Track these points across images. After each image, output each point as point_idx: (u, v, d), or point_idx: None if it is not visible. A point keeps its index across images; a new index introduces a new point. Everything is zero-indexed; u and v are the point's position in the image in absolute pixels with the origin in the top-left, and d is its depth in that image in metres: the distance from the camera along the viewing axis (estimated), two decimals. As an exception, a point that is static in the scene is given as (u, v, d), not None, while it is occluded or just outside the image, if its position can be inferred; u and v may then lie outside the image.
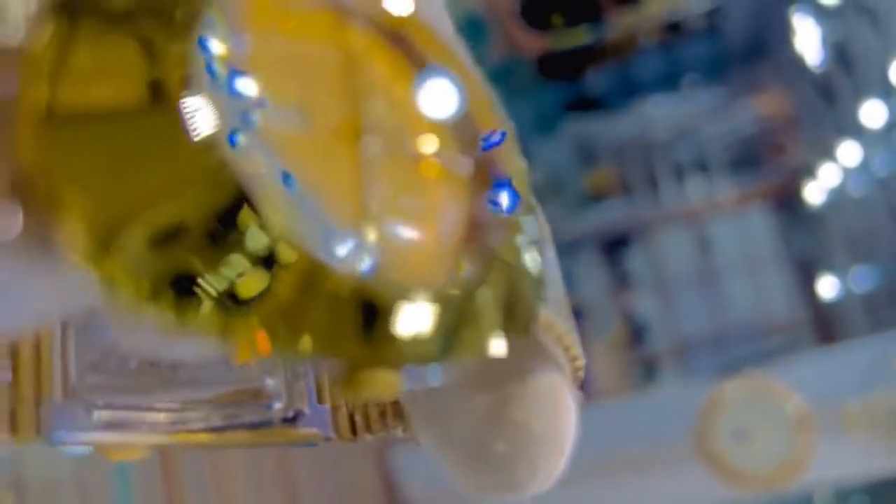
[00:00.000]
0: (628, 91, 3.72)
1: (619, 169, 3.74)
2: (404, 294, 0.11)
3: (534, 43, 2.88)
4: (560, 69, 3.36)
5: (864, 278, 2.95)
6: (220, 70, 0.10)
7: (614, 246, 3.72)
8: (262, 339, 0.10)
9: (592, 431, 1.77)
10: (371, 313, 0.11)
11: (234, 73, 0.10)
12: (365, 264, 0.11)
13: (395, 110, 0.13)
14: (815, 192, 3.10)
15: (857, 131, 2.44)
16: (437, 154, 0.14)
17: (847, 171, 2.71)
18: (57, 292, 0.12)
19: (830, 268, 3.22)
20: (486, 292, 0.13)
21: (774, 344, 3.30)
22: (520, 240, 0.15)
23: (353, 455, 1.84)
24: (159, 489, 1.24)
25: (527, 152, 0.21)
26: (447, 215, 0.13)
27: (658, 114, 3.65)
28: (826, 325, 3.38)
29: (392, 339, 0.11)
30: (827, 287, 3.25)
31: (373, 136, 0.12)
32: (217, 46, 0.10)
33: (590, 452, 1.63)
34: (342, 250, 0.11)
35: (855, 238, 2.93)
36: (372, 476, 1.87)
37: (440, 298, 0.12)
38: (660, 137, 3.64)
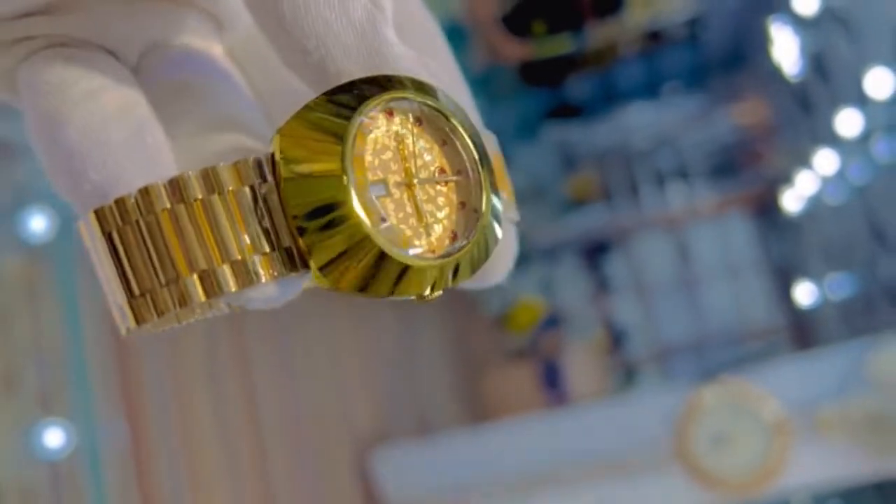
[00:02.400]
0: (609, 98, 3.74)
1: (599, 175, 3.75)
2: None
3: (515, 50, 2.88)
4: (541, 76, 3.36)
5: (840, 285, 2.97)
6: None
7: (595, 252, 3.74)
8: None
9: (571, 434, 1.77)
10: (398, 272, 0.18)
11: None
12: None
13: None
14: (792, 200, 3.12)
15: (834, 140, 2.45)
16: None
17: (824, 180, 2.72)
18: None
19: (807, 275, 3.24)
20: (465, 255, 0.19)
21: (752, 350, 3.33)
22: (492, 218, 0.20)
23: (332, 459, 1.83)
24: (134, 493, 1.23)
25: (508, 158, 0.24)
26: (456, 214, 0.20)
27: (638, 121, 3.68)
28: (803, 331, 3.41)
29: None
30: (804, 294, 3.28)
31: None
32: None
33: (568, 455, 1.64)
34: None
35: (831, 245, 2.95)
36: (352, 479, 1.87)
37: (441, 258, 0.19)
38: (640, 145, 3.66)
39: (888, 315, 2.42)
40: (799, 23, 2.63)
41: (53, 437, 1.09)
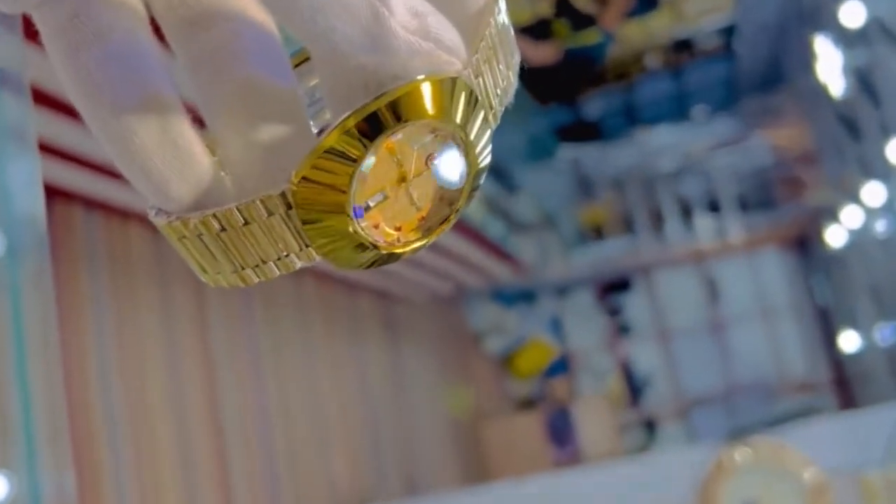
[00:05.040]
0: (631, 117, 3.77)
1: (618, 203, 3.77)
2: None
3: (541, 53, 2.87)
4: (555, 91, 3.37)
5: (889, 333, 2.96)
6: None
7: (612, 289, 3.76)
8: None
9: (582, 499, 1.76)
10: None
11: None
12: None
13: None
14: (835, 235, 3.11)
15: (884, 169, 2.45)
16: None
17: (871, 213, 2.72)
18: None
19: (852, 320, 3.23)
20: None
21: (789, 405, 3.31)
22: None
23: (297, 468, 1.81)
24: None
25: (516, 182, 0.32)
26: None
27: (663, 144, 3.71)
28: (847, 385, 3.40)
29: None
30: (848, 342, 3.26)
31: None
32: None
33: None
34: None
35: (880, 287, 2.94)
36: (317, 481, 1.85)
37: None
38: (665, 170, 3.68)
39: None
40: (844, 37, 2.64)
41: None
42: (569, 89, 3.45)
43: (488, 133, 0.24)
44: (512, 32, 0.25)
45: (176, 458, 1.47)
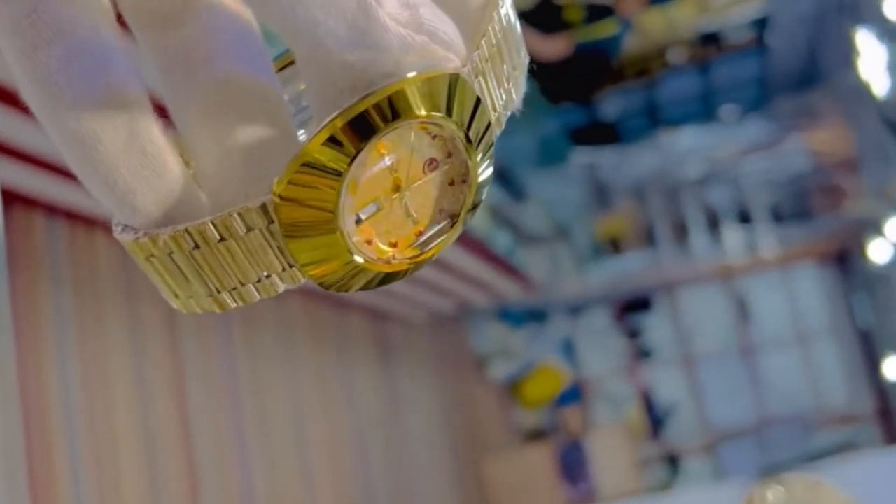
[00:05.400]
0: (652, 118, 3.79)
1: (638, 213, 3.78)
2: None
3: (551, 47, 2.87)
4: (568, 89, 3.36)
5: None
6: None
7: (631, 309, 3.78)
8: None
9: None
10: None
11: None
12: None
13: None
14: (879, 250, 3.11)
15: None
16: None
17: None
18: None
19: (898, 345, 3.23)
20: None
21: (827, 439, 3.30)
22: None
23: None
24: None
25: (525, 189, 0.34)
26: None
27: (688, 147, 3.69)
28: (891, 416, 3.39)
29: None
30: (893, 369, 3.26)
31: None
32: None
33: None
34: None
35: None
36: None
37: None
38: (690, 176, 3.68)
39: None
40: (889, 31, 2.64)
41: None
42: (583, 87, 3.45)
43: (491, 138, 0.24)
44: (519, 29, 0.25)
45: (143, 485, 1.46)
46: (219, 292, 0.23)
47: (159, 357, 1.61)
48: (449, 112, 0.22)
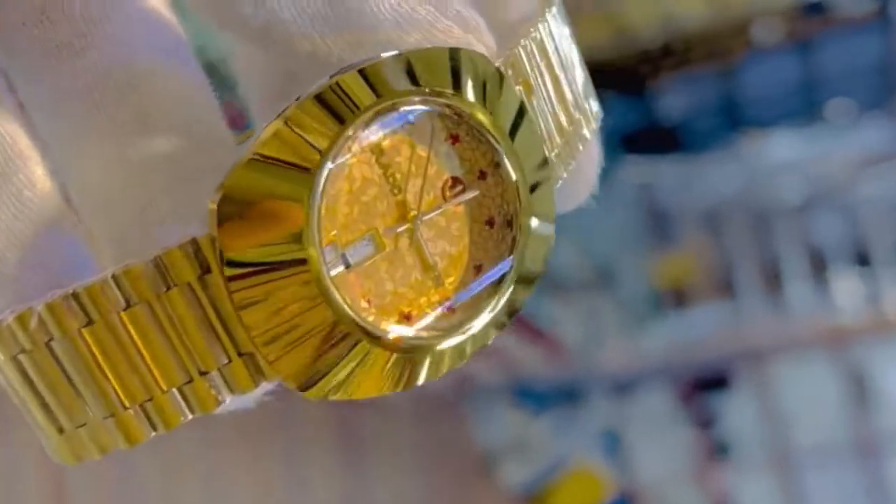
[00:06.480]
0: (731, 118, 3.78)
1: (712, 252, 3.76)
2: None
3: (594, 27, 2.95)
4: (615, 77, 3.40)
5: None
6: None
7: (702, 388, 3.77)
8: None
9: None
10: None
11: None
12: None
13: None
14: None
15: None
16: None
17: None
18: None
19: None
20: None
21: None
22: None
23: None
24: None
25: (559, 219, 0.29)
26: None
27: (782, 159, 3.71)
28: None
29: None
30: None
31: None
32: None
33: None
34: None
35: None
36: None
37: None
38: (785, 200, 3.68)
39: None
40: None
41: None
42: (635, 75, 3.50)
43: (550, 177, 0.25)
44: (581, 70, 0.29)
45: None
46: (125, 408, 0.22)
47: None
48: (457, 88, 0.23)
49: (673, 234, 3.84)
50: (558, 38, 0.27)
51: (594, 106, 0.28)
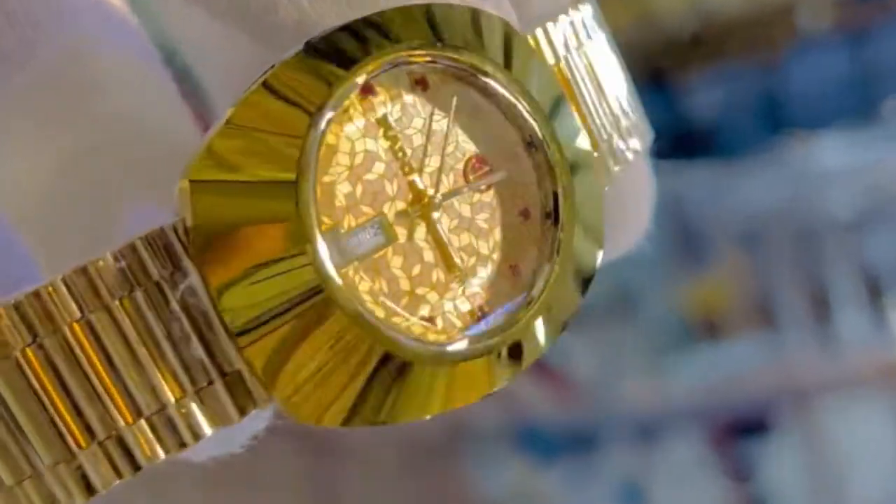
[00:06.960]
0: (772, 118, 3.79)
1: (751, 275, 3.74)
2: None
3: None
4: (638, 71, 3.38)
5: None
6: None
7: (738, 433, 3.77)
8: None
9: None
10: None
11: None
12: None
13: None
14: None
15: None
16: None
17: None
18: None
19: None
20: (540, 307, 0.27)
21: None
22: None
23: None
24: None
25: None
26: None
27: (832, 166, 3.72)
28: None
29: None
30: None
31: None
32: None
33: None
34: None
35: None
36: None
37: None
38: (836, 215, 3.66)
39: None
40: None
41: None
42: (660, 68, 3.53)
43: (591, 162, 0.26)
44: (624, 80, 0.33)
45: None
46: (82, 448, 0.20)
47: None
48: (479, 48, 0.23)
49: (704, 254, 3.84)
50: (592, 26, 0.27)
51: (636, 121, 0.27)
